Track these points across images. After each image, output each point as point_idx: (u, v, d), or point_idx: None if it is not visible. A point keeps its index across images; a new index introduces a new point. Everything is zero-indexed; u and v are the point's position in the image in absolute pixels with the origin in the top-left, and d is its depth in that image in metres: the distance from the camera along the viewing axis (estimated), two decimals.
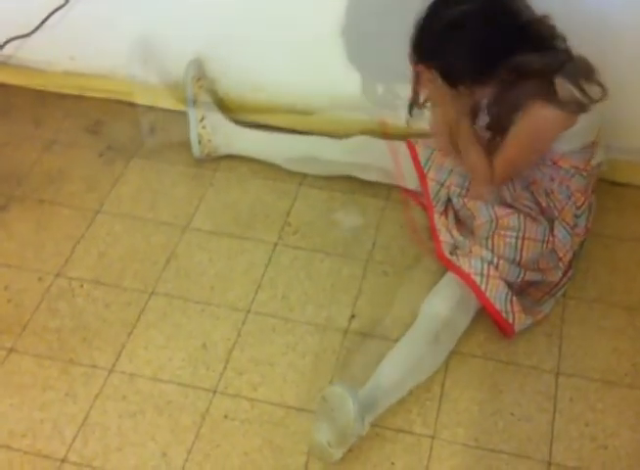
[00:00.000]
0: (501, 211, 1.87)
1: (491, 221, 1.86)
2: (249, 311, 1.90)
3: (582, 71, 1.66)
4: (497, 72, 1.65)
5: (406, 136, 2.06)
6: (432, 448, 1.67)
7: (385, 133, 2.08)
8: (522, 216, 1.84)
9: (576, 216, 1.88)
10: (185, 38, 2.21)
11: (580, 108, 1.66)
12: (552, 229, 1.84)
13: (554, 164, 1.82)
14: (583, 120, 1.71)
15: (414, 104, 1.82)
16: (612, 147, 2.03)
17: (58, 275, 1.97)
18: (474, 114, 1.80)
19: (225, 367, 1.80)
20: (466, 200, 1.95)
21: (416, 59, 1.70)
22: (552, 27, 1.66)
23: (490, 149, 1.81)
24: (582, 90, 1.65)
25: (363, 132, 2.15)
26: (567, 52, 1.68)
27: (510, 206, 1.88)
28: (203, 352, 1.83)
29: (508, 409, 1.73)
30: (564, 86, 1.64)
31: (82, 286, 1.95)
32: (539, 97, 1.65)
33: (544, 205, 1.86)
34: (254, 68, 2.24)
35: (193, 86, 2.16)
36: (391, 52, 1.80)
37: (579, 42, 1.68)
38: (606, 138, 1.87)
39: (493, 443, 1.68)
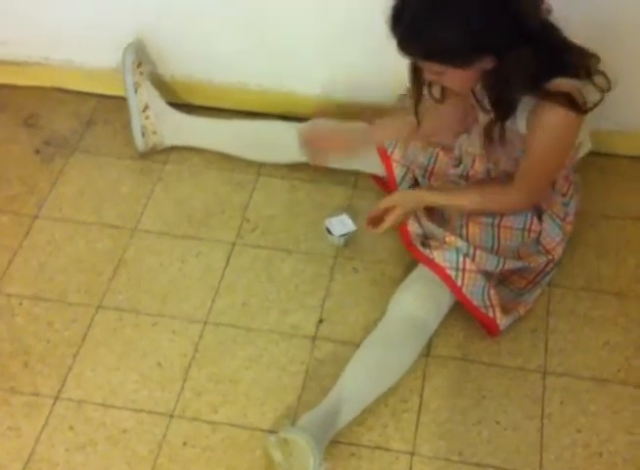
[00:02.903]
0: None
1: None
2: (206, 322, 1.74)
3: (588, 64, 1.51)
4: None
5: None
6: (411, 466, 1.54)
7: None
8: None
9: (565, 205, 1.74)
10: (124, 15, 2.00)
11: (591, 107, 1.51)
12: (540, 220, 1.70)
13: None
14: None
15: (418, 104, 1.64)
16: (597, 117, 1.86)
17: None
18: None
19: (182, 387, 1.65)
20: (434, 183, 1.79)
21: (417, 57, 1.51)
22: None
23: (490, 130, 1.62)
24: (595, 84, 1.50)
25: (323, 112, 1.99)
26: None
27: None
28: (158, 371, 1.67)
29: (493, 417, 1.60)
30: (574, 88, 1.48)
31: (21, 303, 1.78)
32: (552, 101, 1.48)
33: None
34: (203, 47, 2.05)
35: (133, 73, 1.96)
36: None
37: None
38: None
39: (478, 456, 1.55)
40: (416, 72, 1.56)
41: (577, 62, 1.50)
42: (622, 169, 2.01)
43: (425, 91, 1.62)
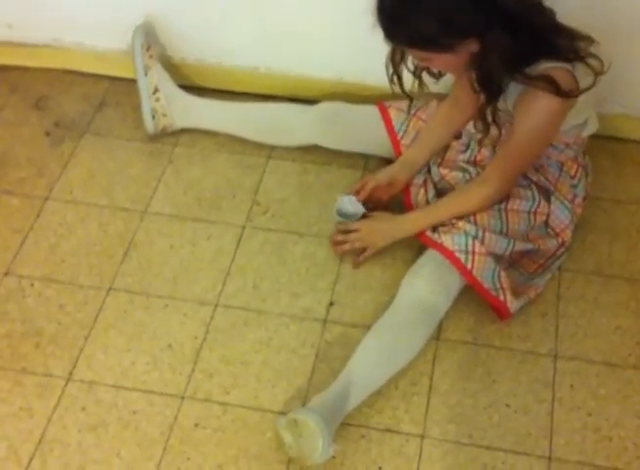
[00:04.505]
0: None
1: None
2: (217, 305, 1.74)
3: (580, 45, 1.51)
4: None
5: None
6: (421, 449, 1.54)
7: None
8: None
9: (573, 186, 1.73)
10: None
11: (582, 90, 1.52)
12: (548, 203, 1.70)
13: None
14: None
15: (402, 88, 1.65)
16: (607, 100, 1.88)
17: (5, 274, 1.80)
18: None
19: (193, 369, 1.65)
20: (443, 171, 1.79)
21: (403, 45, 1.54)
22: None
23: (483, 112, 1.60)
24: (588, 64, 1.51)
25: (334, 95, 1.99)
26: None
27: None
28: (168, 353, 1.67)
29: (503, 401, 1.60)
30: (562, 71, 1.49)
31: (33, 285, 1.78)
32: (540, 86, 1.48)
33: (535, 179, 1.72)
34: (214, 28, 2.04)
35: (142, 56, 1.95)
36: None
37: None
38: (602, 93, 1.70)
39: (488, 439, 1.55)
40: (394, 57, 1.59)
41: (565, 44, 1.50)
42: (634, 154, 2.00)
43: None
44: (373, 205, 1.82)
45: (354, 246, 1.77)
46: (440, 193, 1.78)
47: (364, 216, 1.80)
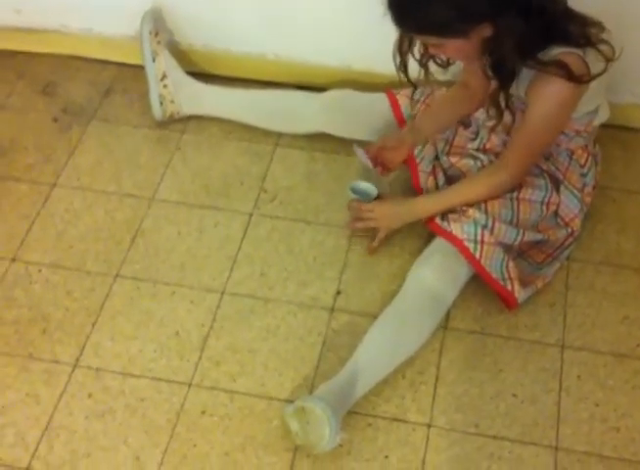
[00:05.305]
0: None
1: None
2: (224, 292, 1.74)
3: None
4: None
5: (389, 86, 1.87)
6: (428, 438, 1.54)
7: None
8: None
9: (583, 175, 1.72)
10: None
11: (593, 76, 1.50)
12: (558, 192, 1.69)
13: None
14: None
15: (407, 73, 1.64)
16: (618, 89, 1.86)
17: (13, 260, 1.80)
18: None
19: (200, 357, 1.65)
20: (453, 159, 1.78)
21: (414, 32, 1.52)
22: None
23: (495, 97, 1.59)
24: (599, 50, 1.49)
25: (343, 83, 1.98)
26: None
27: None
28: (176, 340, 1.67)
29: (510, 390, 1.59)
30: (574, 57, 1.48)
31: (40, 271, 1.78)
32: (551, 72, 1.47)
33: (545, 168, 1.70)
34: (222, 14, 2.02)
35: (150, 42, 1.94)
36: None
37: None
38: (614, 82, 1.68)
39: (495, 428, 1.55)
40: (401, 46, 1.58)
41: (577, 30, 1.49)
42: None
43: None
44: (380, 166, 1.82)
45: (368, 225, 1.76)
46: (451, 180, 1.77)
47: (377, 198, 1.79)
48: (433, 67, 1.64)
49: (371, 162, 1.80)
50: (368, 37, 1.88)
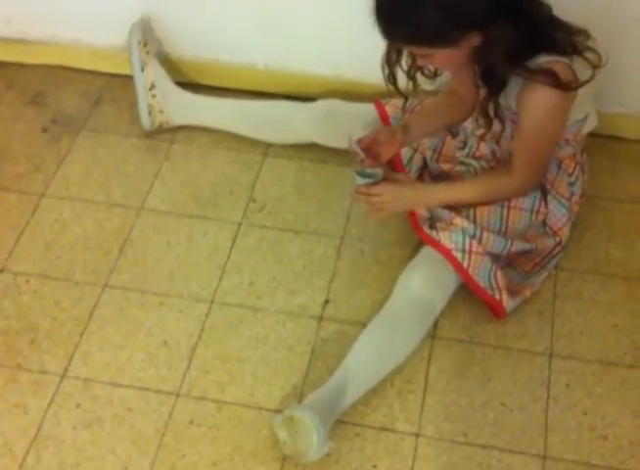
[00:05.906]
0: None
1: None
2: (212, 302, 1.74)
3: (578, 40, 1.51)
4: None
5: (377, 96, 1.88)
6: (416, 447, 1.54)
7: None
8: None
9: (571, 184, 1.73)
10: None
11: (581, 83, 1.51)
12: (545, 202, 1.70)
13: None
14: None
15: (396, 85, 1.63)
16: (605, 99, 1.87)
17: (1, 271, 1.80)
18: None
19: (189, 366, 1.64)
20: (444, 166, 1.79)
21: (402, 43, 1.52)
22: None
23: (485, 106, 1.59)
24: (585, 58, 1.50)
25: (332, 92, 1.99)
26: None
27: None
28: (164, 350, 1.67)
29: (498, 399, 1.60)
30: (561, 65, 1.48)
31: (29, 281, 1.78)
32: (539, 80, 1.48)
33: None
34: (212, 25, 2.04)
35: (139, 52, 1.95)
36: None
37: None
38: (601, 91, 1.70)
39: (484, 437, 1.55)
40: (389, 57, 1.57)
41: (563, 38, 1.50)
42: (632, 153, 1.99)
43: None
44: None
45: (374, 207, 1.72)
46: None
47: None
48: (420, 78, 1.65)
49: (363, 153, 1.78)
50: (358, 47, 1.88)
